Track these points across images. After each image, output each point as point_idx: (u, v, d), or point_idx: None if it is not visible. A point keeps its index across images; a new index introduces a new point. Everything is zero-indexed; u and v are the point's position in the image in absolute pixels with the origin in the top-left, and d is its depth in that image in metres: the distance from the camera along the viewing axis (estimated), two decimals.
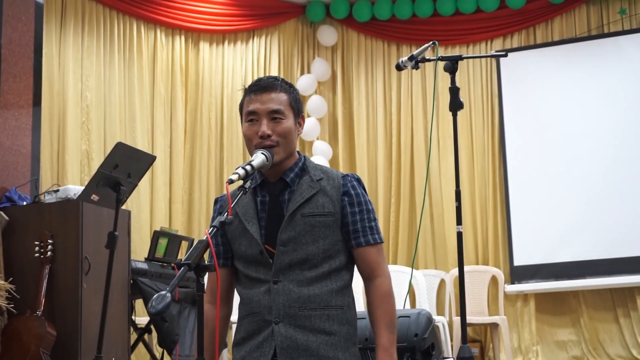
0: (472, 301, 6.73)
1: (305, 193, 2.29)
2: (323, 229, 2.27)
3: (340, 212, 2.31)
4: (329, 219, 2.28)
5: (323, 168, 2.39)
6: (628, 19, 7.03)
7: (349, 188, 2.33)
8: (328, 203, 2.29)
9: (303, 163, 2.36)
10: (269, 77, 2.37)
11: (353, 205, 2.32)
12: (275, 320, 2.21)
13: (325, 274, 2.26)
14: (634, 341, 6.52)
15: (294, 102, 2.34)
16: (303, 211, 2.27)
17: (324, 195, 2.30)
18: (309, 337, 2.20)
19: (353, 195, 2.33)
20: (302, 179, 2.32)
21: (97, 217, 4.31)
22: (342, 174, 2.38)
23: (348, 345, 2.25)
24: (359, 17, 7.58)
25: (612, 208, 6.65)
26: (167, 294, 1.76)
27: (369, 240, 2.31)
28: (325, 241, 2.27)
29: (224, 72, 7.27)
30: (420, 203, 7.10)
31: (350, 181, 2.35)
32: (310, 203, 2.28)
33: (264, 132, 2.26)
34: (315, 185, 2.31)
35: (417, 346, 3.14)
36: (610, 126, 6.81)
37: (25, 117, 5.00)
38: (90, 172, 5.97)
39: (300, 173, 2.34)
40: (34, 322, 3.97)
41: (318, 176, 2.33)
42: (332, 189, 2.32)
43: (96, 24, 6.51)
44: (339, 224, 2.30)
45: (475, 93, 7.32)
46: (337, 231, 2.30)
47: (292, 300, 2.21)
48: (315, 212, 2.27)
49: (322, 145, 7.47)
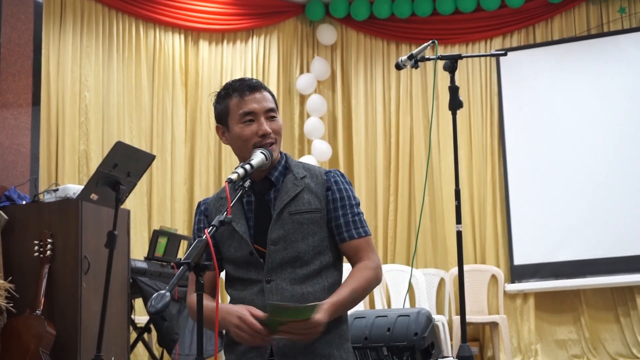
0: (471, 300, 6.73)
1: (290, 191, 2.29)
2: (311, 225, 2.27)
3: (326, 208, 2.31)
4: (316, 215, 2.28)
5: (305, 165, 2.39)
6: (627, 18, 7.04)
7: (332, 183, 2.34)
8: (314, 200, 2.29)
9: (285, 161, 2.37)
10: (249, 77, 2.37)
11: (336, 201, 2.32)
12: None
13: (316, 271, 2.27)
14: (634, 340, 6.52)
15: (276, 101, 2.37)
16: (290, 209, 2.27)
17: (309, 192, 2.30)
18: None
19: (336, 191, 2.33)
20: (286, 177, 2.32)
21: (97, 217, 4.31)
22: (325, 170, 2.39)
23: (342, 342, 2.26)
24: (358, 16, 7.58)
25: (612, 206, 6.65)
26: (167, 293, 1.76)
27: (352, 235, 2.31)
28: (314, 238, 2.27)
29: (223, 71, 7.27)
30: (420, 202, 7.10)
31: (334, 176, 2.36)
32: (296, 201, 2.28)
33: (267, 131, 2.26)
34: (299, 183, 2.31)
35: (417, 345, 3.14)
36: (610, 125, 6.81)
37: (24, 116, 5.00)
38: (89, 172, 5.97)
39: (284, 171, 2.34)
40: (34, 321, 3.96)
41: (301, 174, 2.34)
42: (316, 185, 2.32)
43: (95, 23, 6.51)
44: (326, 220, 2.31)
45: (474, 92, 7.32)
46: (325, 227, 2.30)
47: (286, 299, 2.21)
48: (302, 210, 2.27)
49: (322, 144, 7.46)
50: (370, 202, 7.37)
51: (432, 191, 7.26)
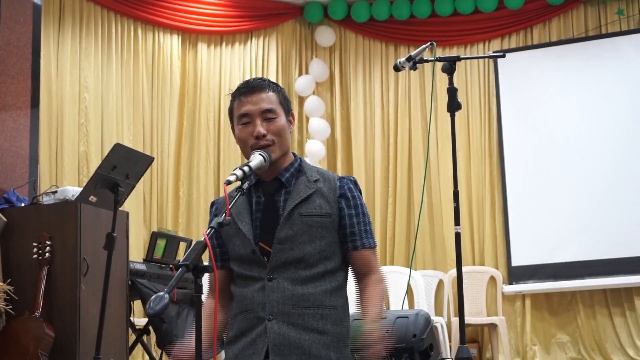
0: (470, 302, 6.73)
1: (302, 192, 2.29)
2: (320, 229, 2.27)
3: (337, 214, 2.31)
4: (326, 219, 2.28)
5: (319, 170, 2.40)
6: (625, 20, 7.05)
7: (346, 190, 2.34)
8: (325, 204, 2.30)
9: (299, 164, 2.37)
10: (255, 78, 2.37)
11: (350, 208, 2.32)
12: (268, 317, 2.21)
13: (320, 274, 2.27)
14: (631, 342, 6.53)
15: (283, 100, 2.35)
16: (301, 210, 2.27)
17: (321, 196, 2.30)
18: (301, 335, 2.20)
19: (350, 198, 2.33)
20: (299, 179, 2.33)
21: (95, 219, 4.31)
22: (338, 176, 2.39)
23: (340, 346, 2.26)
24: (357, 17, 7.58)
25: (610, 208, 6.65)
26: (165, 295, 1.76)
27: (364, 244, 2.33)
28: (322, 242, 2.27)
29: (222, 73, 7.28)
30: (418, 203, 7.10)
31: (347, 183, 2.36)
32: (308, 203, 2.28)
33: (259, 132, 2.27)
34: (312, 185, 2.31)
35: (416, 347, 3.15)
36: (608, 126, 6.81)
37: (23, 118, 5.00)
38: (88, 174, 5.96)
39: (297, 174, 2.35)
40: (33, 323, 3.96)
41: (314, 177, 2.34)
42: (329, 190, 2.32)
43: (94, 25, 6.51)
44: (335, 226, 2.31)
45: (473, 94, 7.33)
46: (334, 232, 2.30)
47: (286, 298, 2.21)
48: (313, 212, 2.27)
49: (319, 145, 7.46)
50: (369, 203, 7.37)
51: (430, 193, 7.26)
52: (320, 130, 7.46)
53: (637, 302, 6.60)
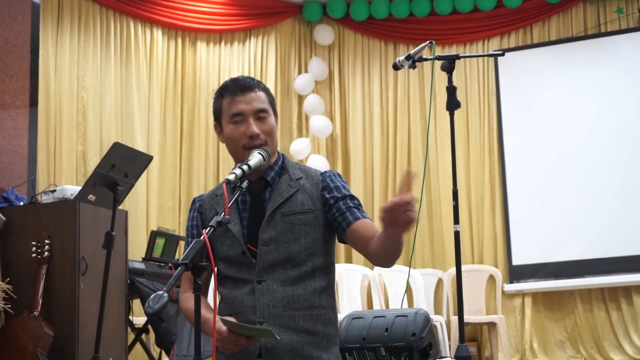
0: (469, 300, 6.73)
1: (284, 192, 2.28)
2: (303, 226, 2.26)
3: (321, 209, 2.29)
4: (309, 216, 2.27)
5: (302, 167, 2.39)
6: (625, 18, 7.05)
7: (328, 182, 2.33)
8: (307, 200, 2.28)
9: (282, 162, 2.36)
10: (243, 77, 2.35)
11: (332, 191, 2.30)
12: (259, 320, 2.20)
13: (308, 272, 2.26)
14: (631, 340, 6.53)
15: (271, 100, 2.35)
16: (282, 210, 2.26)
17: (303, 193, 2.29)
18: (292, 337, 2.19)
19: (333, 188, 2.31)
20: (282, 178, 2.32)
21: (94, 218, 4.31)
22: (320, 171, 2.38)
23: (330, 345, 2.26)
24: (356, 16, 7.58)
25: (610, 206, 6.65)
26: (164, 294, 1.75)
27: (357, 217, 2.28)
28: (307, 239, 2.26)
29: (221, 71, 7.27)
30: (417, 202, 7.09)
31: (329, 176, 2.35)
32: (290, 202, 2.27)
33: (254, 132, 2.26)
34: (294, 184, 2.30)
35: (415, 345, 3.14)
36: (607, 125, 6.81)
37: (22, 117, 4.99)
38: (86, 173, 5.96)
39: (280, 172, 2.34)
40: (31, 322, 3.96)
41: (297, 175, 2.33)
42: (312, 186, 2.31)
43: (92, 24, 6.50)
44: (320, 221, 2.29)
45: (472, 92, 7.32)
46: (319, 228, 2.28)
47: (276, 300, 2.21)
48: (295, 210, 2.26)
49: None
50: (368, 202, 7.36)
51: (429, 191, 7.26)
52: (322, 129, 7.44)
53: (636, 300, 6.59)
